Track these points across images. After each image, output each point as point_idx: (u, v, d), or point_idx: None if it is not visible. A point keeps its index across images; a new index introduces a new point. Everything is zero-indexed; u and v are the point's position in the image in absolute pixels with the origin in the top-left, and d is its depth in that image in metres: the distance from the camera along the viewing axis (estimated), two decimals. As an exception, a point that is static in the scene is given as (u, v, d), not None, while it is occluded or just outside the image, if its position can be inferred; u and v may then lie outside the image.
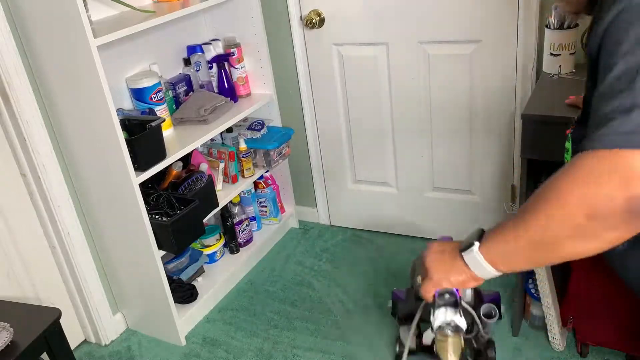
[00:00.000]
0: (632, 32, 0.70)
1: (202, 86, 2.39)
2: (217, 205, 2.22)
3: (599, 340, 1.81)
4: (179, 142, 2.07)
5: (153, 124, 1.87)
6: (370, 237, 2.67)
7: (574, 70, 1.85)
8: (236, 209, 2.50)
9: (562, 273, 1.93)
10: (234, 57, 2.39)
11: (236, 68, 2.42)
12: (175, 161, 2.09)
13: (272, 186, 2.67)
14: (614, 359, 1.82)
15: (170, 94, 2.27)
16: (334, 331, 2.11)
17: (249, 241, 2.58)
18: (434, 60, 2.19)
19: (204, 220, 2.13)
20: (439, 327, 0.86)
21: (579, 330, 1.84)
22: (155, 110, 2.07)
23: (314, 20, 2.28)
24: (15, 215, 1.91)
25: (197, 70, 2.38)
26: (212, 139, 2.54)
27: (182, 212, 1.96)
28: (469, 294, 0.91)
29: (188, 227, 2.00)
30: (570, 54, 1.82)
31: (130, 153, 1.82)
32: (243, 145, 2.39)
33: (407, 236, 2.62)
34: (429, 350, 0.93)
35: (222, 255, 2.51)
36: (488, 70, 2.11)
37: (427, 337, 0.95)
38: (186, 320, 2.18)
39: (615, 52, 0.71)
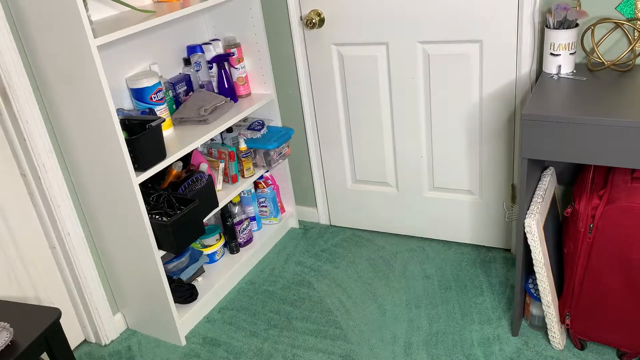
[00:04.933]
0: None
1: (202, 86, 2.40)
2: (217, 205, 2.22)
3: (592, 335, 1.82)
4: (179, 142, 2.07)
5: (153, 124, 1.87)
6: (370, 237, 2.67)
7: (574, 70, 1.85)
8: (236, 209, 2.51)
9: (558, 271, 1.94)
10: (234, 57, 2.39)
11: (236, 68, 2.42)
12: (175, 161, 2.09)
13: (272, 186, 2.67)
14: (607, 353, 1.83)
15: (170, 94, 2.27)
16: (334, 331, 2.11)
17: (249, 241, 2.58)
18: (434, 60, 2.19)
19: (204, 220, 2.13)
20: None
21: (574, 325, 1.84)
22: (155, 110, 2.07)
23: (314, 20, 2.28)
24: (15, 215, 1.91)
25: (197, 70, 2.38)
26: (212, 139, 2.54)
27: (182, 212, 1.96)
28: None
29: (188, 227, 2.00)
30: (570, 54, 1.82)
31: (130, 153, 1.82)
32: (243, 145, 2.40)
33: (407, 236, 2.63)
34: None
35: (222, 255, 2.51)
36: (488, 70, 2.11)
37: None
38: (186, 320, 2.18)
39: None
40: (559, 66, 1.83)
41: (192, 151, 2.24)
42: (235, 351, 2.08)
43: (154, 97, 2.06)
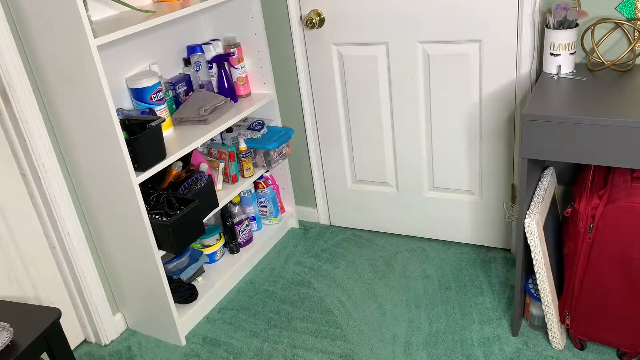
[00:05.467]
0: None
1: (202, 86, 2.40)
2: (217, 205, 2.22)
3: (592, 335, 1.82)
4: (179, 142, 2.07)
5: (153, 124, 1.87)
6: (370, 237, 2.67)
7: (574, 70, 1.85)
8: (236, 209, 2.51)
9: (558, 271, 1.94)
10: (234, 57, 2.39)
11: (236, 68, 2.42)
12: (175, 161, 2.09)
13: (272, 186, 2.67)
14: (607, 353, 1.83)
15: (170, 94, 2.27)
16: (334, 331, 2.11)
17: (249, 241, 2.58)
18: (434, 60, 2.19)
19: (204, 220, 2.13)
20: None
21: (574, 325, 1.84)
22: (155, 110, 2.07)
23: (314, 20, 2.28)
24: (15, 215, 1.91)
25: (197, 70, 2.38)
26: (212, 139, 2.54)
27: (182, 212, 1.96)
28: None
29: (188, 227, 2.00)
30: (570, 54, 1.82)
31: (130, 153, 1.82)
32: (243, 145, 2.40)
33: (407, 236, 2.63)
34: None
35: (222, 255, 2.51)
36: (488, 70, 2.11)
37: None
38: (186, 320, 2.18)
39: None
40: (559, 66, 1.83)
41: (192, 151, 2.24)
42: (235, 351, 2.08)
43: (154, 97, 2.06)
